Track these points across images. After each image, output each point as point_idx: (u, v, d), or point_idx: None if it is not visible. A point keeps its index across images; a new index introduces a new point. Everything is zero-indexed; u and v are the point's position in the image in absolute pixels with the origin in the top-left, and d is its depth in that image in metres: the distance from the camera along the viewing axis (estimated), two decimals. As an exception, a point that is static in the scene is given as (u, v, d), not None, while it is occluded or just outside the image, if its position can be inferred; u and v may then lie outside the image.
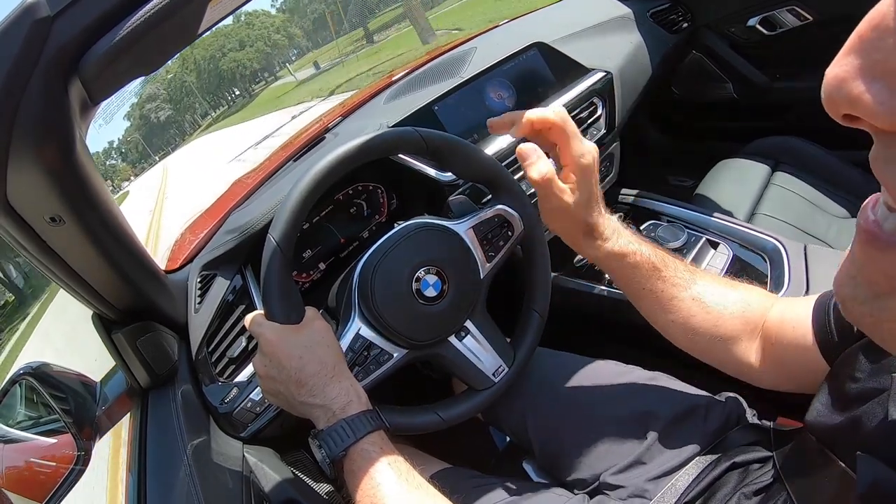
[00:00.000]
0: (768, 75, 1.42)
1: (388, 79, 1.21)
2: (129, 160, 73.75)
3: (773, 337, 0.57)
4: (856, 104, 0.19)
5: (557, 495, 0.70)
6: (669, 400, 0.71)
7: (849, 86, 0.19)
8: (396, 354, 0.68)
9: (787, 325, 0.55)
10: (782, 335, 0.55)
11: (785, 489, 0.49)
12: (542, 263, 0.77)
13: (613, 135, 1.07)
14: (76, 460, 0.62)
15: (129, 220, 0.60)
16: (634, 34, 1.20)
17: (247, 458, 0.71)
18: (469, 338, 0.72)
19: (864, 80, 0.19)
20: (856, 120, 0.20)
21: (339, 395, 0.56)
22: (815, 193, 1.15)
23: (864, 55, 0.19)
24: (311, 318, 0.61)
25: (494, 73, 0.99)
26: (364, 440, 0.53)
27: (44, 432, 0.67)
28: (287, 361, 0.56)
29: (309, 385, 0.55)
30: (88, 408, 0.68)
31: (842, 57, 0.20)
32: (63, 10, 0.37)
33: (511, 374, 0.74)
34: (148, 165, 43.71)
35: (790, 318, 0.55)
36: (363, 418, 0.54)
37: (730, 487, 0.57)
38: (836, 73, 0.20)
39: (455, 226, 0.71)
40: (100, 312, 0.66)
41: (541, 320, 0.77)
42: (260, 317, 0.61)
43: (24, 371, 0.65)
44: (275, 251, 0.60)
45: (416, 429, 0.68)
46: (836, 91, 0.20)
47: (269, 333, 0.58)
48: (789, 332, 0.54)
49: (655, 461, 0.66)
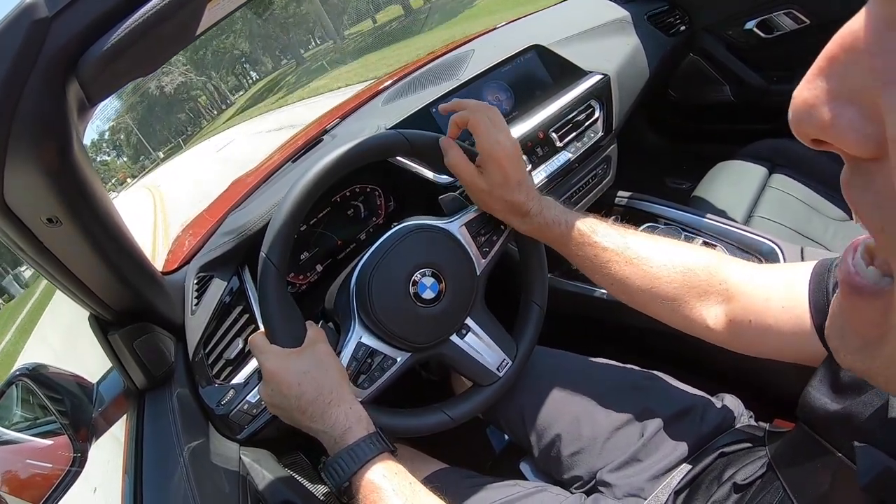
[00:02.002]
0: (765, 78, 1.42)
1: (387, 80, 1.21)
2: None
3: (749, 307, 0.55)
4: (826, 131, 0.18)
5: (555, 494, 0.71)
6: (666, 399, 0.72)
7: (819, 111, 0.18)
8: (400, 359, 0.68)
9: (773, 301, 0.53)
10: (767, 309, 0.53)
11: (777, 479, 0.49)
12: (537, 255, 0.77)
13: (611, 137, 1.07)
14: (72, 462, 0.62)
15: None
16: (632, 37, 1.21)
17: (243, 460, 0.71)
18: (470, 335, 0.73)
19: (836, 105, 0.18)
20: (824, 144, 0.19)
21: (337, 420, 0.56)
22: (812, 196, 1.15)
23: (835, 79, 0.18)
24: (313, 339, 0.62)
25: (492, 76, 0.99)
26: (366, 468, 0.53)
27: (40, 434, 0.66)
28: (287, 390, 0.57)
29: (309, 412, 0.57)
30: (85, 409, 0.68)
31: (811, 80, 0.19)
32: (61, 11, 0.37)
33: (515, 368, 0.74)
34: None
35: (779, 295, 0.53)
36: (363, 445, 0.54)
37: (717, 477, 0.57)
38: (805, 97, 0.19)
39: (448, 225, 0.71)
40: (96, 313, 0.66)
41: (541, 311, 0.78)
42: (262, 340, 0.61)
43: (21, 372, 0.64)
44: (270, 271, 0.60)
45: (425, 430, 0.68)
46: (806, 116, 0.19)
47: (269, 363, 0.59)
48: (776, 309, 0.53)
49: (651, 459, 0.66)
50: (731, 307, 0.57)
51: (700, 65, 1.50)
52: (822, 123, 0.18)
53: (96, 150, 54.82)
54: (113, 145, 54.65)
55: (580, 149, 1.01)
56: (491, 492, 0.72)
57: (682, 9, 1.36)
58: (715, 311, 0.59)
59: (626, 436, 0.70)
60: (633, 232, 0.66)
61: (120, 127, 53.25)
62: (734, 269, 0.59)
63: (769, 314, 0.53)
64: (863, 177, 0.19)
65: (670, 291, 0.60)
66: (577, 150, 1.01)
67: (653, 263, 0.62)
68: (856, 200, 0.20)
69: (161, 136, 54.25)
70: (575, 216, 0.67)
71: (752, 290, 0.56)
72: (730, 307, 0.57)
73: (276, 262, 0.60)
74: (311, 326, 0.64)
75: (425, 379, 1.14)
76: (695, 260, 0.61)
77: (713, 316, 0.59)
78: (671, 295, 0.60)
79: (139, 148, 53.65)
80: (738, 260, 0.61)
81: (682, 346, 0.92)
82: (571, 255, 0.67)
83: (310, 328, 0.64)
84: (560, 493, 0.71)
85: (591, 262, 0.65)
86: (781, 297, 0.52)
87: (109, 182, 48.06)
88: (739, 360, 0.85)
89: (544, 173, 0.96)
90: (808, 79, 0.19)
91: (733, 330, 0.57)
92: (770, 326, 0.53)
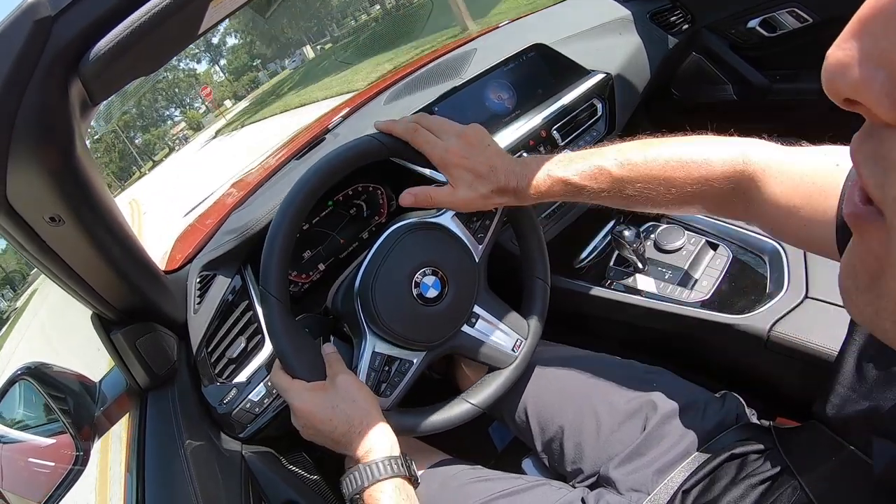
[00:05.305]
0: (768, 77, 1.42)
1: (389, 79, 1.21)
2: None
3: (786, 183, 0.51)
4: (860, 91, 0.18)
5: (557, 488, 0.71)
6: (669, 394, 0.72)
7: (851, 71, 0.18)
8: (416, 360, 0.69)
9: (806, 180, 0.49)
10: (798, 186, 0.49)
11: (795, 478, 0.49)
12: (533, 232, 0.77)
13: (613, 136, 1.07)
14: (75, 460, 0.62)
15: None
16: (634, 36, 1.20)
17: (246, 459, 0.71)
18: (480, 321, 0.73)
19: (868, 67, 0.18)
20: (856, 105, 0.19)
21: (364, 444, 0.58)
22: (815, 195, 1.15)
23: (867, 41, 0.18)
24: (334, 370, 0.63)
25: (494, 75, 0.99)
26: (376, 487, 0.55)
27: (42, 433, 0.66)
28: (321, 425, 0.59)
29: (343, 442, 0.59)
30: (87, 408, 0.68)
31: (845, 39, 0.19)
32: (64, 10, 0.37)
33: (529, 345, 0.75)
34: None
35: (818, 175, 0.48)
36: (379, 465, 0.56)
37: (730, 478, 0.57)
38: (839, 56, 0.19)
39: (439, 218, 0.71)
40: (99, 312, 0.66)
41: (545, 286, 0.78)
42: (284, 379, 0.62)
43: (23, 371, 0.65)
44: (273, 304, 0.60)
45: (453, 423, 0.69)
46: (839, 76, 0.19)
47: (297, 401, 0.60)
48: (808, 186, 0.48)
49: (653, 454, 0.66)
50: (766, 184, 0.52)
51: (702, 63, 1.50)
52: (855, 83, 0.18)
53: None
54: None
55: (583, 147, 1.01)
56: (493, 483, 0.72)
57: (684, 7, 1.36)
58: (753, 192, 0.53)
59: (628, 430, 0.70)
60: (639, 145, 0.61)
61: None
62: (768, 148, 0.54)
63: (799, 192, 0.49)
64: (883, 146, 0.19)
65: (707, 190, 0.56)
66: (579, 148, 1.00)
67: (678, 167, 0.56)
68: (866, 169, 0.20)
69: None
70: (566, 160, 0.63)
71: (789, 166, 0.51)
72: (765, 183, 0.52)
73: (276, 294, 0.60)
74: (325, 352, 0.65)
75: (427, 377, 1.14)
76: (720, 151, 0.56)
77: (752, 197, 0.54)
78: (709, 193, 0.56)
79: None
80: (770, 143, 0.55)
81: (685, 344, 0.93)
82: (594, 201, 0.63)
83: (325, 356, 0.65)
84: (563, 486, 0.71)
85: (620, 198, 0.61)
86: (820, 177, 0.48)
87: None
88: (741, 358, 0.85)
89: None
90: (841, 38, 0.19)
91: (770, 209, 0.52)
92: (798, 206, 0.49)
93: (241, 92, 51.81)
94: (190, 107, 59.12)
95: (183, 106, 59.08)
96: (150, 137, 56.45)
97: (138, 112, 56.64)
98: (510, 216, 0.75)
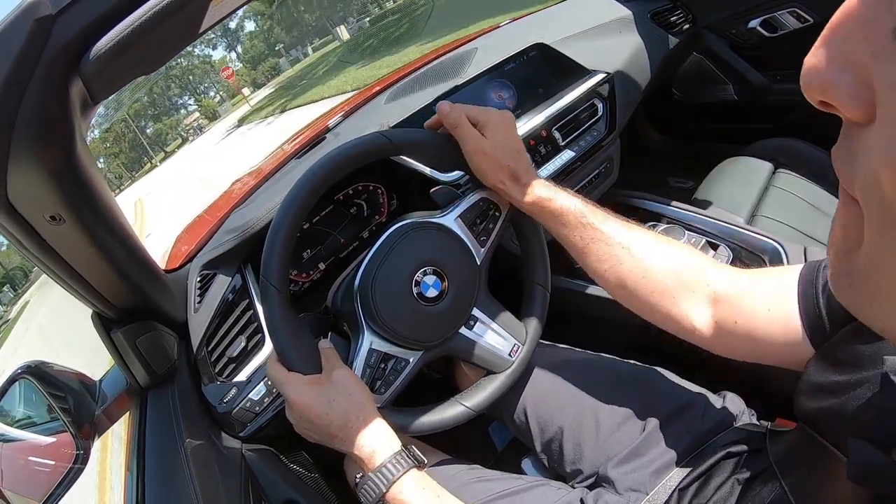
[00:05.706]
0: (769, 77, 1.42)
1: (390, 79, 1.21)
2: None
3: (736, 310, 0.55)
4: (828, 92, 0.20)
5: (556, 488, 0.71)
6: (667, 395, 0.72)
7: (822, 75, 0.20)
8: (412, 359, 0.68)
9: (760, 304, 0.53)
10: (753, 312, 0.53)
11: (776, 477, 0.49)
12: (535, 237, 0.77)
13: (613, 136, 1.07)
14: (75, 459, 0.62)
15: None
16: (635, 36, 1.20)
17: (246, 458, 0.71)
18: (479, 324, 0.73)
19: (835, 69, 0.20)
20: (829, 106, 0.21)
21: (365, 442, 0.58)
22: (816, 195, 1.15)
23: (835, 46, 0.20)
24: (331, 364, 0.63)
25: (495, 74, 0.99)
26: (395, 489, 0.55)
27: (42, 431, 0.66)
28: (317, 419, 0.59)
29: (340, 437, 0.59)
30: (87, 407, 0.68)
31: (817, 46, 0.21)
32: (65, 9, 0.37)
33: (527, 351, 0.75)
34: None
35: (763, 297, 0.53)
36: (390, 466, 0.56)
37: (723, 478, 0.57)
38: (812, 62, 0.21)
39: (442, 219, 0.71)
40: (99, 311, 0.66)
41: (545, 292, 0.78)
42: (280, 371, 0.61)
43: (23, 370, 0.65)
44: (273, 295, 0.60)
45: (447, 424, 0.69)
46: (812, 79, 0.21)
47: (293, 394, 0.60)
48: (762, 312, 0.52)
49: (652, 454, 0.66)
50: (718, 310, 0.57)
51: (703, 63, 1.50)
52: (824, 86, 0.20)
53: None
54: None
55: (583, 147, 1.01)
56: (493, 483, 0.72)
57: (685, 7, 1.36)
58: (700, 311, 0.58)
59: (627, 431, 0.70)
60: (627, 222, 0.65)
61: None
62: (722, 274, 0.58)
63: (756, 317, 0.53)
64: (853, 144, 0.21)
65: (657, 285, 0.60)
66: (579, 148, 1.00)
67: (643, 253, 0.61)
68: (842, 168, 0.22)
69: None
70: (571, 195, 0.66)
71: (738, 294, 0.55)
72: (716, 309, 0.57)
73: (276, 285, 0.60)
74: (322, 346, 0.65)
75: (426, 376, 1.14)
76: (685, 258, 0.61)
77: (698, 316, 0.58)
78: (658, 289, 0.60)
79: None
80: (728, 267, 0.60)
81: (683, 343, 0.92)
82: (563, 235, 0.66)
83: (322, 350, 0.64)
84: (562, 487, 0.72)
85: (587, 244, 0.65)
86: (769, 300, 0.52)
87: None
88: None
89: (547, 171, 0.96)
90: (815, 45, 0.21)
91: (718, 333, 0.57)
92: (756, 329, 0.53)
93: (261, 79, 50.61)
94: (205, 95, 58.10)
95: (197, 94, 58.05)
96: (161, 127, 55.70)
97: (150, 100, 55.88)
98: (513, 219, 0.75)
